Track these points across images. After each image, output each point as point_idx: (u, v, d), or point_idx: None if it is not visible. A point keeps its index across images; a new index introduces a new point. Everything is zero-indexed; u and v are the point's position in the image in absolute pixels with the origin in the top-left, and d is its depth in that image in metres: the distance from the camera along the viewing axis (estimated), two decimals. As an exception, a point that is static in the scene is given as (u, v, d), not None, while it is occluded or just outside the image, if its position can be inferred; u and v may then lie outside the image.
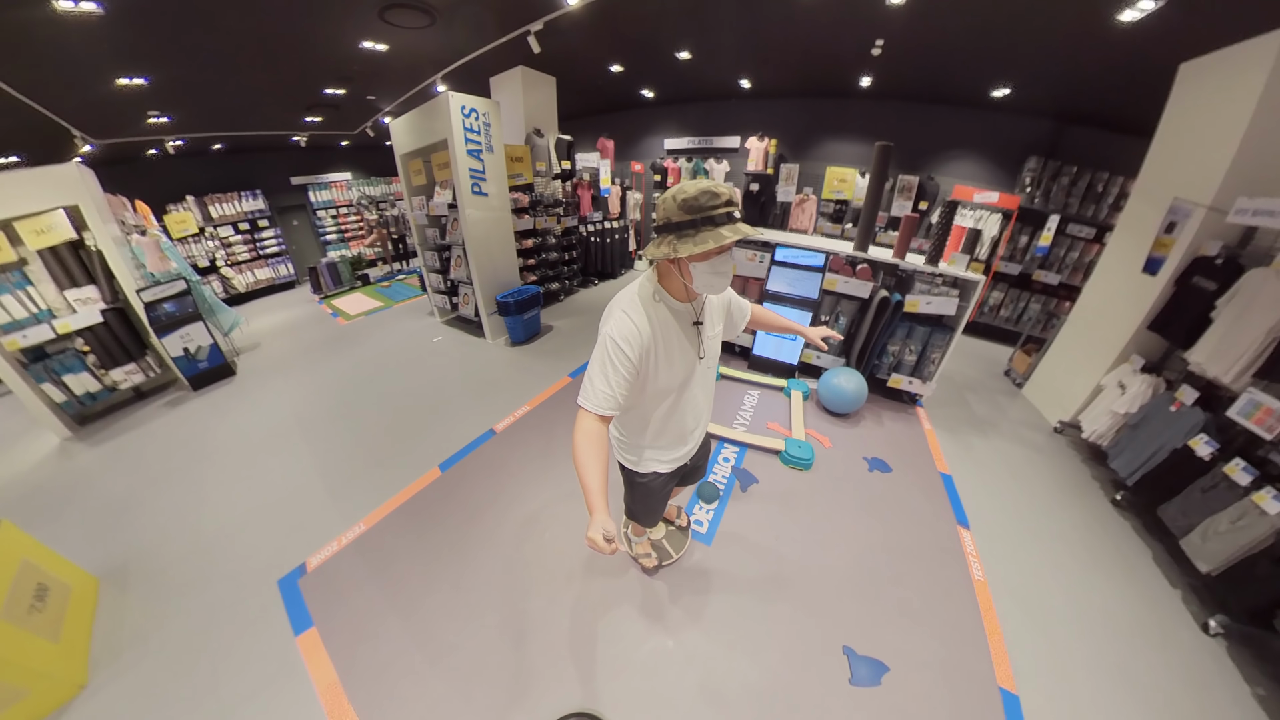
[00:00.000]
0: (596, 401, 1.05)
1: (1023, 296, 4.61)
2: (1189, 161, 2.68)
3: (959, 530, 2.30)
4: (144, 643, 1.76)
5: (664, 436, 1.36)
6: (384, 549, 2.15)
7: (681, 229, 0.97)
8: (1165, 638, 1.83)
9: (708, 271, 1.01)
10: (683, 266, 1.03)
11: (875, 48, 3.42)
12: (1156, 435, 2.44)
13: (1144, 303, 2.77)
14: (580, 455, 1.01)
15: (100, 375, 3.64)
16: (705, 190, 0.94)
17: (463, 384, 3.79)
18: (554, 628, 1.76)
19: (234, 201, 6.65)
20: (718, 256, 1.01)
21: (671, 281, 1.10)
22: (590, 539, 0.92)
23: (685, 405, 1.32)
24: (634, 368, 1.06)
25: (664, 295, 1.11)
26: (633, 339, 1.05)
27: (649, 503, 1.55)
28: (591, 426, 1.04)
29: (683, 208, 0.95)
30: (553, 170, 5.04)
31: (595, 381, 1.06)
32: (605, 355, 1.05)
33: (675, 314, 1.13)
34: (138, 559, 2.16)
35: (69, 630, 1.72)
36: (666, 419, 1.32)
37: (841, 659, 1.66)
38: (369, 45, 3.75)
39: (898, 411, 3.32)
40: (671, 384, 1.20)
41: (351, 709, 1.52)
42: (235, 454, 3.00)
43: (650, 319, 1.08)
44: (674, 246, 0.97)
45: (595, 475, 0.99)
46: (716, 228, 0.95)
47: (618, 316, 1.07)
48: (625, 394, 1.07)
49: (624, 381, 1.06)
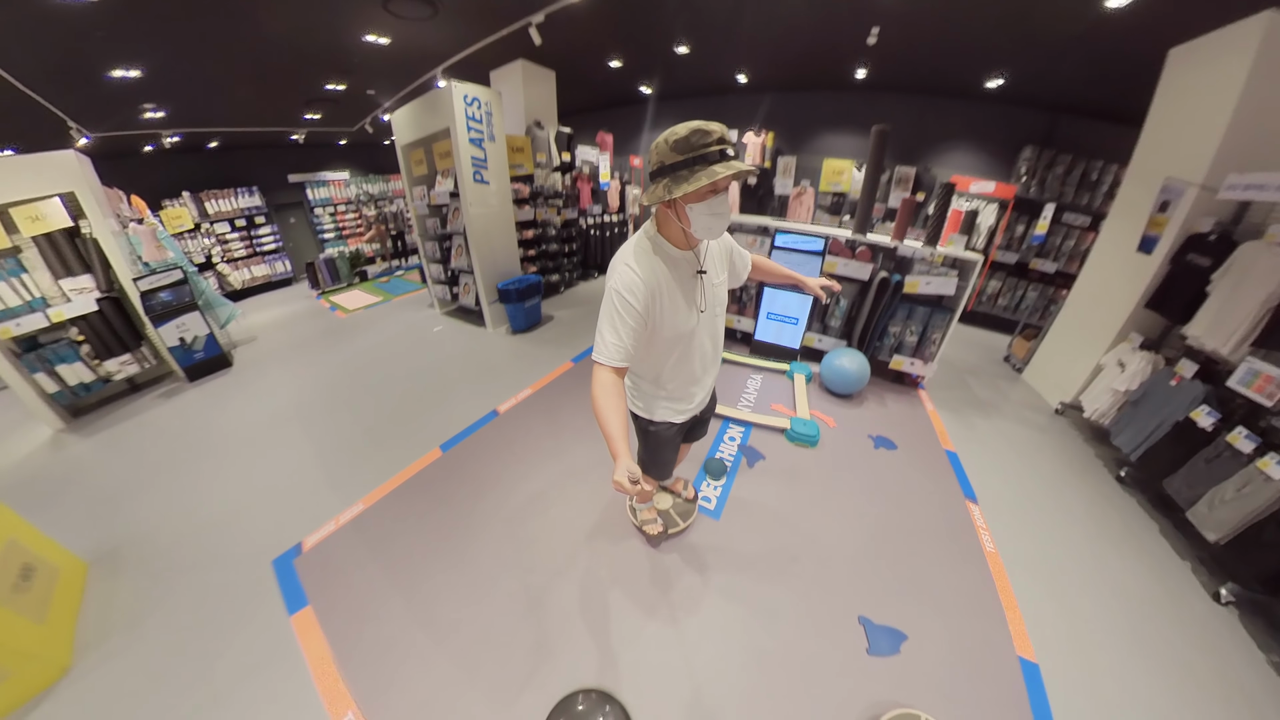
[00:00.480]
0: (608, 354, 1.07)
1: (1020, 285, 4.67)
2: (1180, 142, 2.74)
3: (967, 504, 2.29)
4: (134, 626, 1.71)
5: (673, 382, 1.36)
6: (384, 528, 2.11)
7: (676, 169, 0.95)
8: (1178, 607, 1.83)
9: (705, 213, 1.00)
10: (680, 210, 1.01)
11: (871, 36, 3.48)
12: (1158, 410, 2.46)
13: (1140, 281, 2.81)
14: (599, 406, 1.03)
15: (94, 366, 3.57)
16: (696, 129, 0.93)
17: (463, 370, 3.77)
18: (561, 603, 1.73)
19: (230, 198, 6.62)
20: (714, 198, 0.98)
21: (670, 228, 1.10)
22: (616, 481, 0.93)
23: (694, 353, 1.32)
24: (640, 318, 1.08)
25: (663, 244, 1.11)
26: (637, 289, 1.05)
27: (661, 453, 1.54)
28: (607, 378, 1.06)
29: (675, 148, 0.94)
30: (553, 162, 5.07)
31: (605, 335, 1.08)
32: (613, 307, 1.07)
33: (676, 262, 1.13)
34: (129, 545, 2.10)
35: (55, 612, 1.67)
36: (677, 367, 1.32)
37: (858, 629, 1.64)
38: (371, 38, 3.77)
39: (900, 393, 3.33)
40: (679, 331, 1.20)
41: (346, 688, 1.47)
42: (232, 442, 2.95)
43: (653, 269, 1.08)
44: (669, 189, 0.96)
45: (616, 423, 1.01)
46: (710, 165, 0.93)
47: (620, 269, 1.08)
48: (635, 344, 1.09)
49: (632, 332, 1.07)
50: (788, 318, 3.53)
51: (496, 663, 1.53)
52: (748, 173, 0.97)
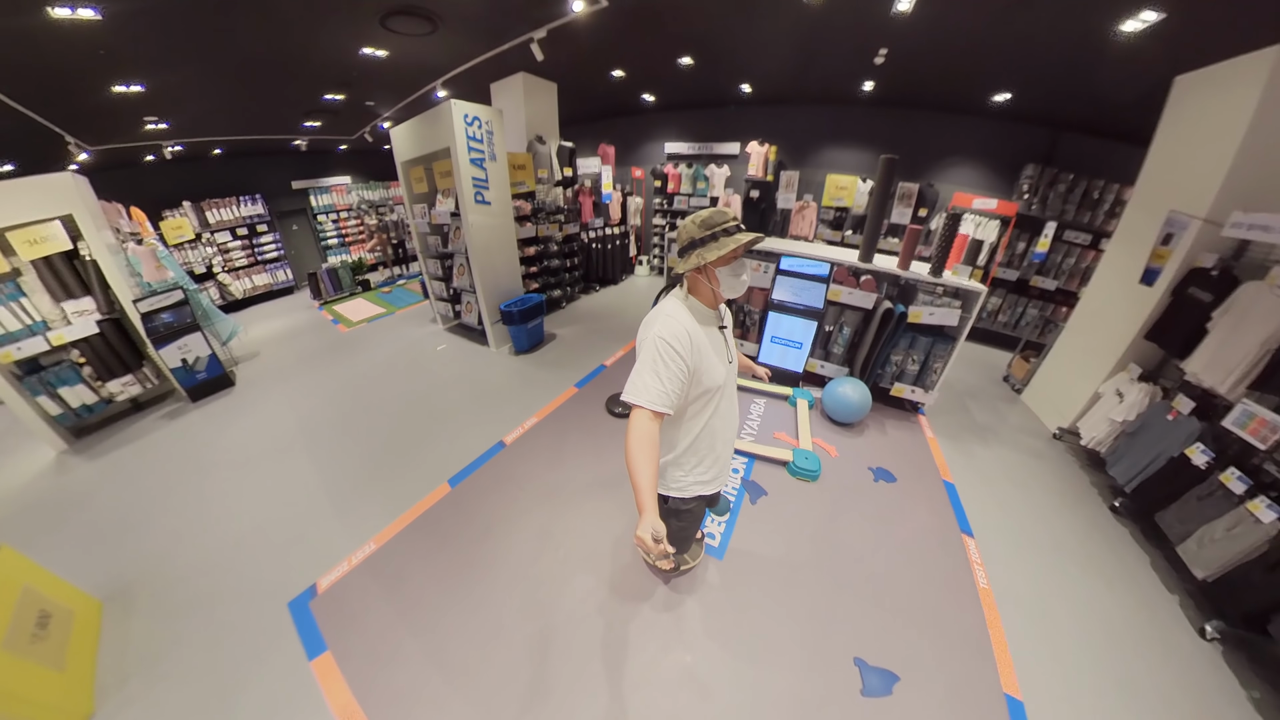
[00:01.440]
0: (649, 397, 1.11)
1: (1020, 302, 4.68)
2: (1185, 174, 2.73)
3: (963, 539, 2.34)
4: (152, 668, 1.71)
5: (706, 446, 1.39)
6: (396, 569, 2.13)
7: (705, 242, 1.17)
8: (1164, 643, 1.88)
9: (729, 274, 1.22)
10: (710, 273, 1.22)
11: (879, 56, 3.45)
12: (1154, 443, 2.49)
13: (1141, 312, 2.83)
14: (632, 455, 1.07)
15: (96, 387, 3.58)
16: (716, 211, 1.20)
17: (468, 394, 3.78)
18: (571, 644, 1.77)
19: (232, 206, 6.57)
20: (735, 261, 1.21)
21: (700, 290, 1.27)
22: (639, 538, 0.96)
23: (724, 414, 1.38)
24: (684, 365, 1.15)
25: (695, 304, 1.27)
26: (681, 337, 1.15)
27: (689, 530, 1.61)
28: (645, 426, 1.10)
29: (702, 226, 1.18)
30: (554, 177, 5.03)
31: (646, 379, 1.13)
32: (655, 354, 1.14)
33: (706, 319, 1.28)
34: (141, 579, 2.11)
35: (73, 658, 1.67)
36: (709, 428, 1.35)
37: (853, 670, 1.70)
38: (369, 52, 3.72)
39: (900, 420, 3.36)
40: (713, 382, 1.26)
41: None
42: (237, 468, 2.96)
43: (690, 318, 1.22)
44: (701, 256, 1.16)
45: (647, 475, 1.05)
46: (731, 235, 1.17)
47: (663, 319, 1.18)
48: (677, 391, 1.15)
49: (675, 379, 1.14)
50: (791, 342, 3.54)
51: (509, 705, 1.57)
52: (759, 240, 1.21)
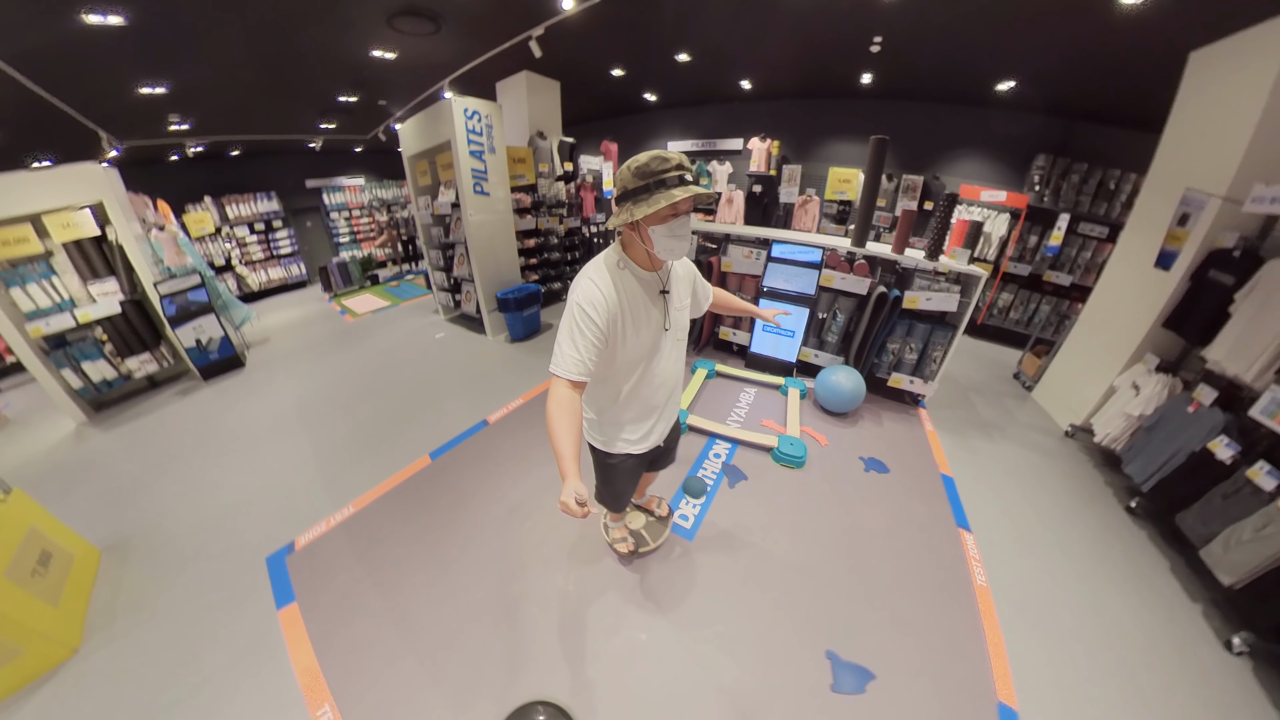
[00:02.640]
0: (566, 367, 1.06)
1: (1033, 298, 4.46)
2: (1201, 151, 2.58)
3: (960, 533, 2.19)
4: (137, 612, 1.82)
5: (631, 410, 1.34)
6: (370, 531, 2.18)
7: (637, 194, 1.01)
8: (1183, 656, 1.69)
9: (666, 235, 1.04)
10: (643, 232, 1.06)
11: (874, 44, 3.41)
12: (1173, 438, 2.31)
13: (1158, 299, 2.66)
14: (553, 422, 1.03)
15: (116, 363, 3.78)
16: (655, 155, 1.00)
17: (460, 378, 3.83)
18: (530, 614, 1.74)
19: (250, 203, 6.91)
20: (674, 220, 1.03)
21: (635, 250, 1.13)
22: (563, 502, 0.93)
23: (655, 378, 1.30)
24: (601, 334, 1.08)
25: (629, 264, 1.14)
26: (599, 304, 1.06)
27: (617, 486, 1.53)
28: (563, 394, 1.06)
29: (636, 174, 1.00)
30: (555, 172, 5.12)
31: (564, 348, 1.08)
32: (573, 321, 1.07)
33: (641, 282, 1.15)
34: (140, 534, 2.25)
35: (68, 596, 1.80)
36: (635, 392, 1.30)
37: (824, 664, 1.58)
38: (379, 53, 3.89)
39: (898, 412, 3.22)
40: (640, 352, 1.20)
41: (324, 680, 1.54)
42: (239, 440, 3.08)
43: (616, 285, 1.10)
44: (631, 211, 1.01)
45: (568, 441, 1.00)
46: (669, 189, 0.98)
47: (583, 284, 1.09)
48: (594, 360, 1.09)
49: (592, 347, 1.07)
50: (784, 331, 3.46)
51: (461, 667, 1.57)
52: (705, 196, 1.02)
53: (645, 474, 1.85)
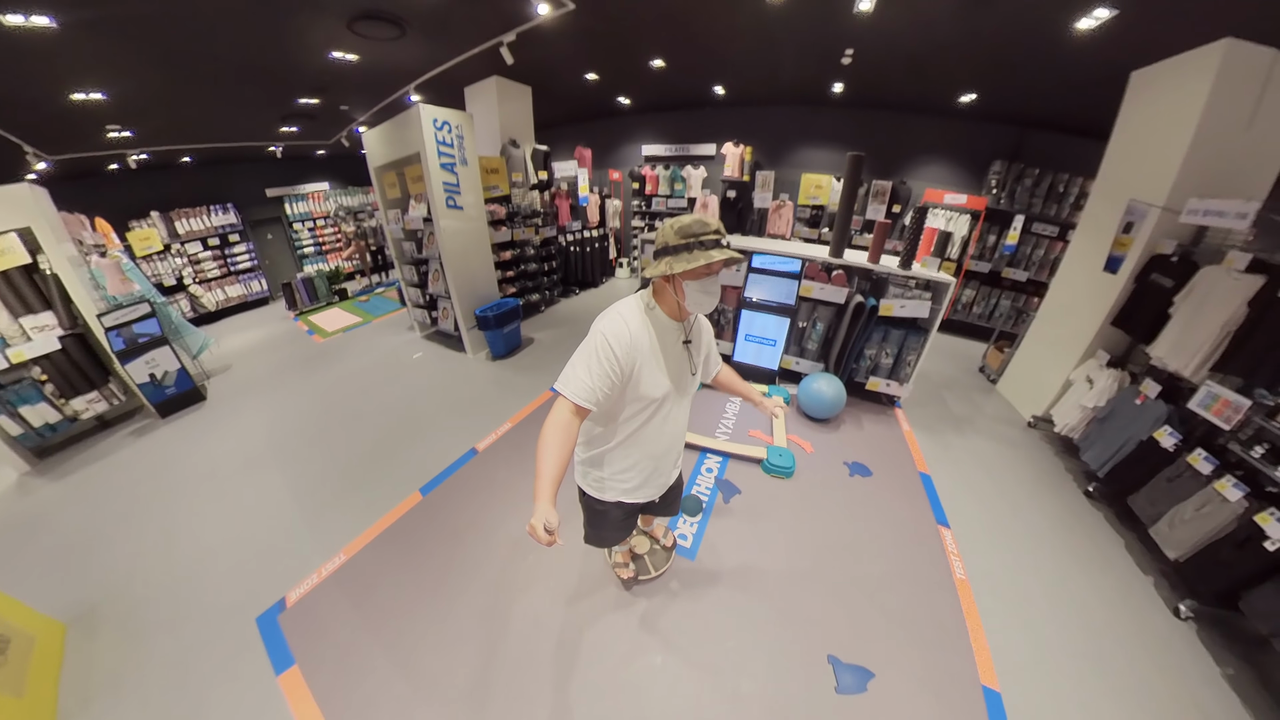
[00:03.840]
0: (574, 389, 1.08)
1: (994, 293, 4.75)
2: (1143, 164, 2.79)
3: (940, 530, 2.33)
4: (116, 689, 1.67)
5: (630, 456, 1.34)
6: (365, 580, 2.08)
7: (677, 251, 1.09)
8: (1139, 624, 1.90)
9: (698, 290, 1.12)
10: (677, 284, 1.13)
11: (845, 56, 3.49)
12: (1124, 428, 2.51)
13: (1107, 300, 2.87)
14: (544, 439, 1.03)
15: (60, 405, 3.46)
16: (698, 220, 1.10)
17: (443, 402, 3.71)
18: (541, 651, 1.73)
19: (203, 216, 6.44)
20: (707, 277, 1.12)
21: (665, 299, 1.20)
22: (531, 526, 0.94)
23: (661, 428, 1.31)
24: (618, 367, 1.10)
25: (656, 311, 1.20)
26: (623, 339, 1.10)
27: (603, 531, 1.54)
28: (564, 417, 1.06)
29: (679, 234, 1.09)
30: (529, 181, 5.01)
31: (578, 370, 1.09)
32: (593, 348, 1.09)
33: (666, 330, 1.21)
34: (107, 600, 2.05)
35: (34, 682, 1.62)
36: (637, 436, 1.30)
37: (827, 668, 1.67)
38: (339, 55, 3.68)
39: (877, 414, 3.37)
40: (653, 394, 1.21)
41: None
42: (207, 484, 2.87)
43: (644, 328, 1.16)
44: (670, 265, 1.09)
45: (551, 464, 1.00)
46: (706, 250, 1.07)
47: (613, 317, 1.14)
48: (604, 392, 1.10)
49: (606, 377, 1.08)
50: (765, 339, 3.54)
51: (478, 714, 1.54)
52: (737, 260, 1.11)
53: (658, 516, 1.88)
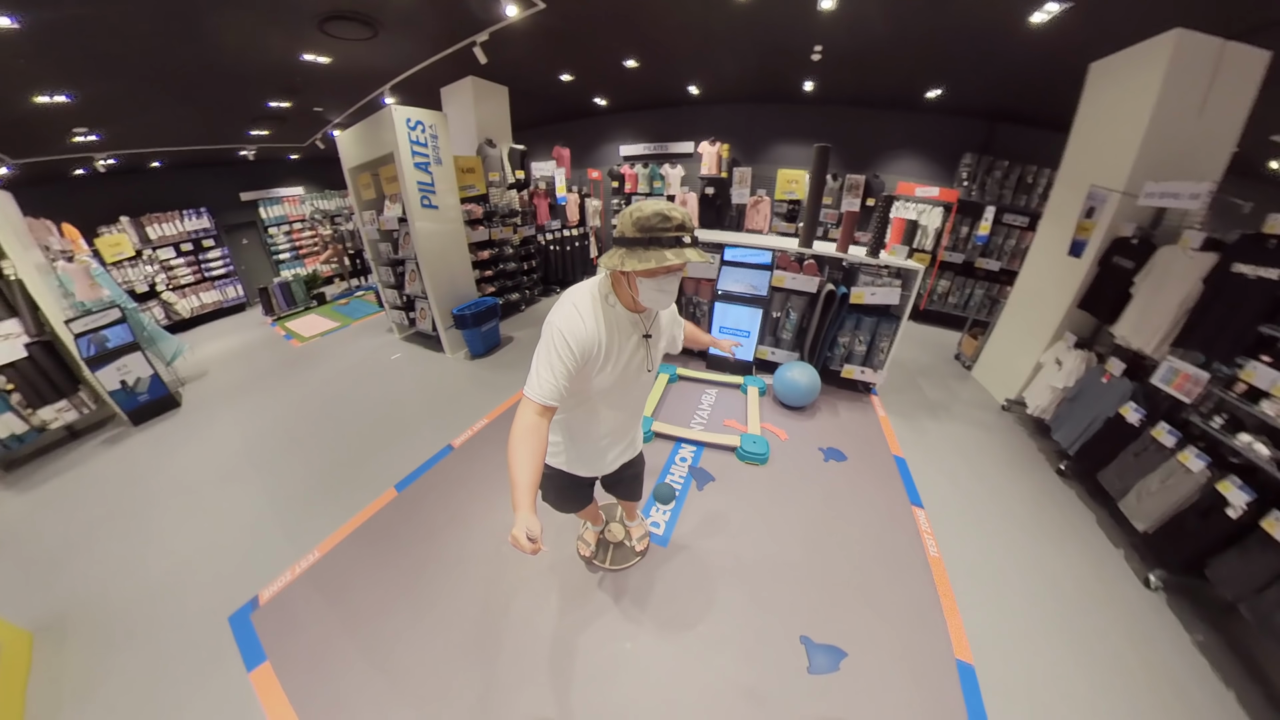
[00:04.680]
0: (541, 390, 1.05)
1: (968, 284, 4.83)
2: (1103, 151, 2.86)
3: (913, 510, 2.35)
4: (85, 698, 1.63)
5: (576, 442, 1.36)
6: (340, 576, 2.06)
7: (633, 245, 1.00)
8: (1111, 596, 1.92)
9: (653, 288, 1.05)
10: (631, 279, 1.06)
11: (814, 53, 3.54)
12: (1091, 406, 2.56)
13: (1072, 283, 2.93)
14: (514, 447, 1.00)
15: (27, 415, 3.37)
16: (658, 212, 0.98)
17: (420, 401, 3.68)
18: (515, 643, 1.72)
19: (175, 221, 6.32)
20: (665, 276, 1.04)
21: (621, 290, 1.13)
22: (513, 536, 0.91)
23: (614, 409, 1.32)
24: (576, 360, 1.07)
25: (615, 302, 1.14)
26: (578, 333, 1.05)
27: (552, 493, 1.54)
28: (532, 420, 1.03)
29: (636, 225, 0.99)
30: (507, 180, 5.00)
31: (540, 370, 1.06)
32: (551, 345, 1.06)
33: (622, 323, 1.16)
34: (77, 609, 1.99)
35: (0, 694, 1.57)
36: (589, 418, 1.31)
37: (799, 649, 1.66)
38: (310, 58, 3.66)
39: (853, 401, 3.39)
40: (606, 386, 1.20)
41: None
42: (181, 492, 2.80)
43: (598, 318, 1.10)
44: (623, 259, 1.00)
45: (526, 470, 0.97)
46: (664, 249, 0.98)
47: (568, 310, 1.08)
48: (567, 386, 1.08)
49: (567, 374, 1.06)
50: (740, 331, 3.56)
51: (451, 706, 1.53)
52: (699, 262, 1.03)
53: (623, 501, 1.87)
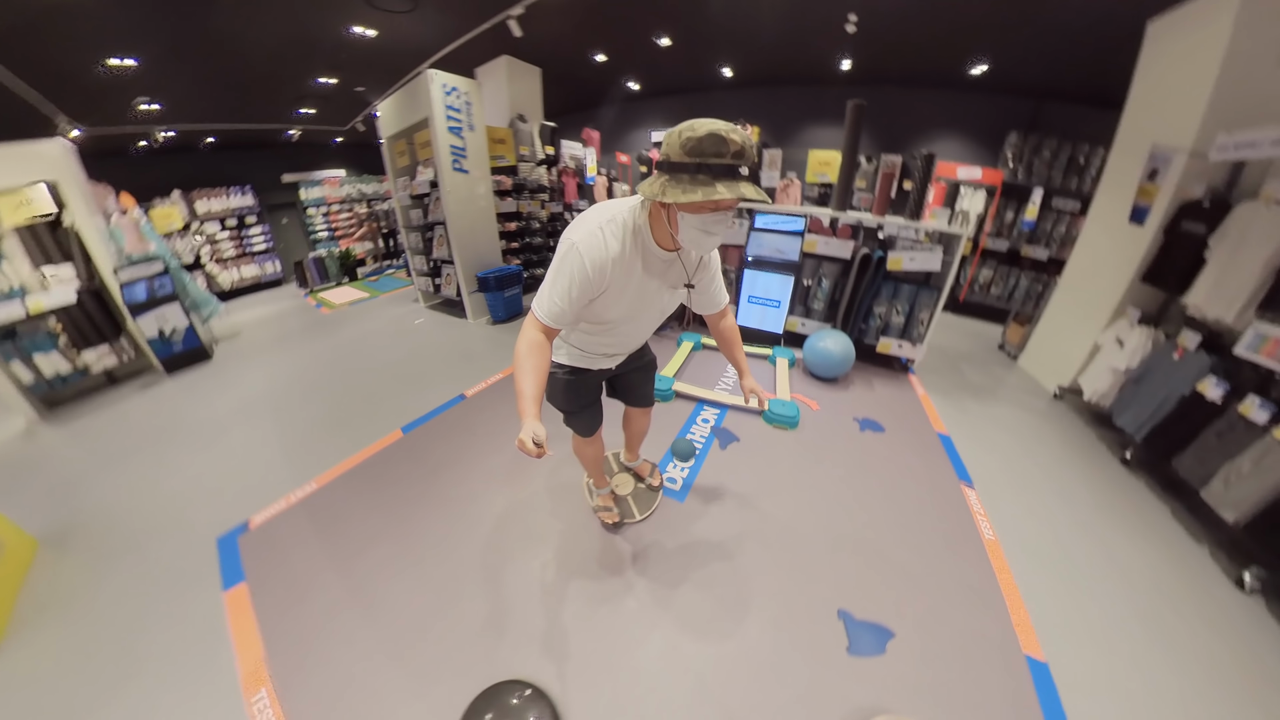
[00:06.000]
0: (547, 310, 0.98)
1: (1012, 273, 4.54)
2: (1165, 111, 2.66)
3: (962, 488, 2.13)
4: (72, 603, 1.68)
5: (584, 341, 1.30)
6: (333, 507, 2.03)
7: (678, 172, 0.84)
8: (1198, 595, 1.66)
9: (696, 227, 0.89)
10: (671, 213, 0.91)
11: (849, 24, 3.47)
12: (1161, 386, 2.31)
13: (1135, 254, 2.69)
14: (519, 360, 0.97)
15: (72, 357, 3.52)
16: (714, 134, 0.80)
17: (439, 358, 3.69)
18: (503, 588, 1.60)
19: (221, 197, 6.67)
20: (712, 214, 0.87)
21: (658, 225, 0.98)
22: (520, 440, 0.87)
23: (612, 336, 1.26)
24: (591, 289, 0.97)
25: (646, 234, 0.99)
26: (600, 262, 0.94)
27: (568, 398, 1.40)
28: (535, 336, 0.98)
29: (685, 148, 0.82)
30: (537, 156, 5.07)
31: (554, 292, 0.97)
32: (570, 269, 0.94)
33: (652, 262, 1.03)
34: (83, 525, 2.06)
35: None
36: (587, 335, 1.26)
37: (837, 624, 1.46)
38: (358, 30, 3.82)
39: (889, 377, 3.18)
40: (606, 316, 1.10)
41: (265, 665, 1.38)
42: (200, 429, 2.88)
43: (624, 248, 0.97)
44: (664, 188, 0.85)
45: (531, 383, 0.94)
46: (715, 181, 0.81)
47: (594, 234, 0.94)
48: (576, 313, 1.00)
49: (575, 300, 0.97)
50: (769, 300, 3.42)
51: (425, 645, 1.41)
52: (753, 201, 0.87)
53: (633, 416, 1.74)
